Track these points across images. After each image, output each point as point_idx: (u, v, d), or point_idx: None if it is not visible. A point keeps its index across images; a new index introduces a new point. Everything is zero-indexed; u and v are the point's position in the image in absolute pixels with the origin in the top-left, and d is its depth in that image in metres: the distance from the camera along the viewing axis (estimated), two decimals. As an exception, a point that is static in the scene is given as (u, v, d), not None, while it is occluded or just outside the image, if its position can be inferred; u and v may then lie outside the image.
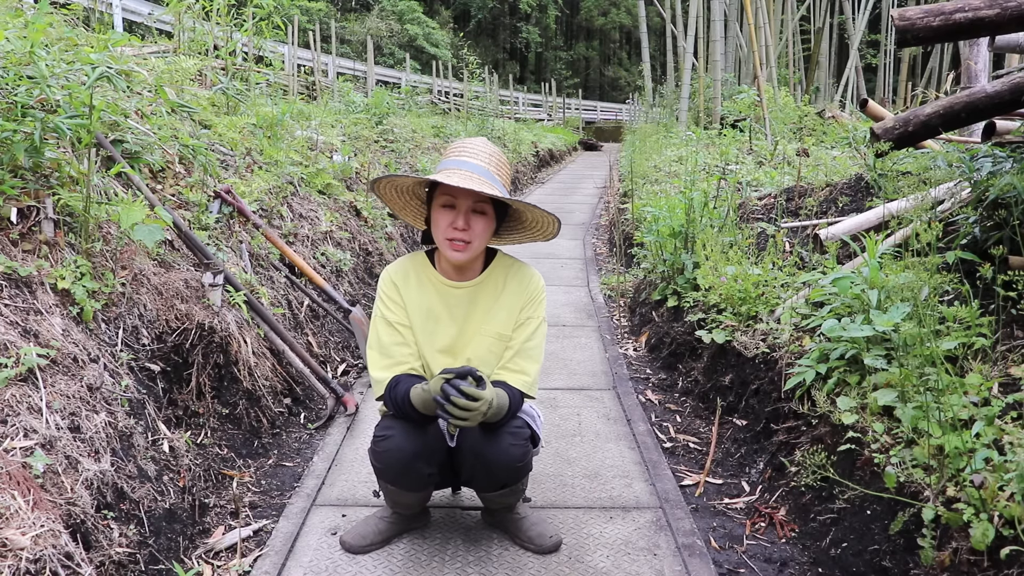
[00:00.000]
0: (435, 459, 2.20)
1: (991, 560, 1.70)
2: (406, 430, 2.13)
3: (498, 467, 2.14)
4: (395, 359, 2.19)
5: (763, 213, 5.25)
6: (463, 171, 2.06)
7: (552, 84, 32.95)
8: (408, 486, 2.22)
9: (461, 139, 2.22)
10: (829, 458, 2.32)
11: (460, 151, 2.14)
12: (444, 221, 2.11)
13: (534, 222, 2.26)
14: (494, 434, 2.12)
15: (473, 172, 2.06)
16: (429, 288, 2.24)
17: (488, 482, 2.21)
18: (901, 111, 6.39)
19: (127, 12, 10.39)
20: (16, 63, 2.79)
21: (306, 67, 13.17)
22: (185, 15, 6.04)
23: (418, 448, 2.13)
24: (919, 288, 2.42)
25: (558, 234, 2.25)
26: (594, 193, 12.93)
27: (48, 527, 1.75)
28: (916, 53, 23.98)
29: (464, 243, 2.11)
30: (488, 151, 2.15)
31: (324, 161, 5.62)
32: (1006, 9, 2.74)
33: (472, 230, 2.10)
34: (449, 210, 2.11)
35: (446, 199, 2.10)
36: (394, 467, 2.15)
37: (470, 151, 2.13)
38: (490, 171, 2.10)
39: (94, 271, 2.62)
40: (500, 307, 2.23)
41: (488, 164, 2.11)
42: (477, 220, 2.11)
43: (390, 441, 2.13)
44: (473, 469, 2.18)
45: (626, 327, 4.98)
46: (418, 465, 2.15)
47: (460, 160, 2.10)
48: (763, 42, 13.93)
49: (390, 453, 2.13)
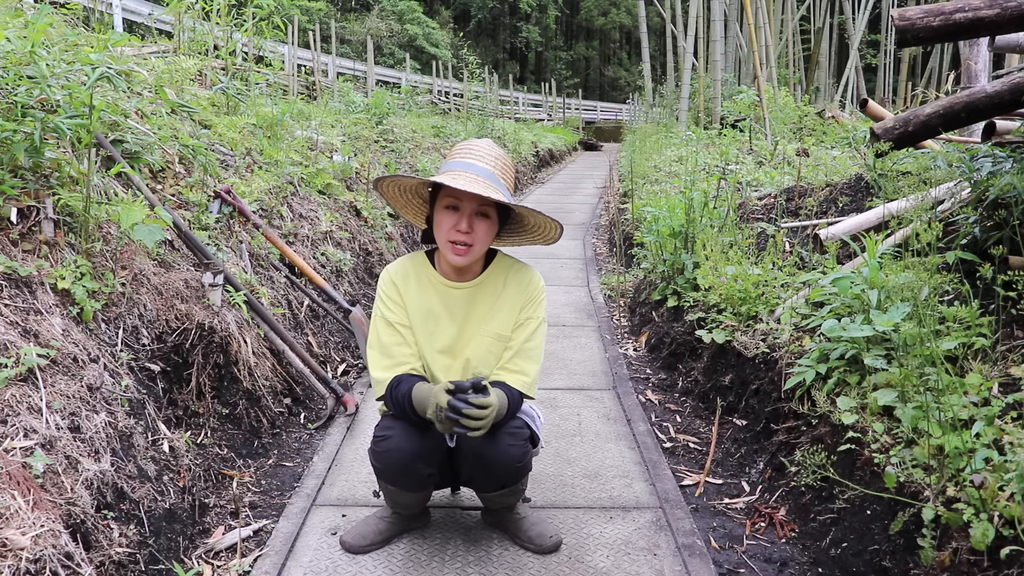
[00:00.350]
0: (435, 459, 2.20)
1: (991, 560, 1.70)
2: (406, 430, 2.13)
3: (498, 467, 2.14)
4: (396, 359, 2.19)
5: (763, 213, 5.25)
6: (468, 174, 2.06)
7: (552, 84, 32.95)
8: (408, 486, 2.22)
9: (467, 140, 2.21)
10: (829, 458, 2.32)
11: (466, 153, 2.13)
12: (447, 223, 2.10)
13: (536, 226, 2.26)
14: (493, 435, 2.11)
15: (479, 175, 2.06)
16: (429, 288, 2.24)
17: (488, 482, 2.21)
18: (901, 111, 6.39)
19: (127, 12, 10.39)
20: (16, 63, 2.79)
21: (306, 67, 13.17)
22: (185, 15, 6.04)
23: (418, 448, 2.13)
24: (919, 288, 2.42)
25: (559, 239, 2.25)
26: (594, 193, 12.93)
27: (48, 527, 1.75)
28: (916, 53, 23.99)
29: (466, 246, 2.11)
30: (494, 154, 2.15)
31: (324, 161, 5.62)
32: (1006, 9, 2.74)
33: (475, 233, 2.10)
34: (453, 212, 2.10)
35: (450, 200, 2.10)
36: (394, 467, 2.15)
37: (476, 153, 2.12)
38: (495, 174, 2.10)
39: (94, 271, 2.62)
40: (499, 308, 2.23)
41: (494, 167, 2.11)
42: (480, 223, 2.11)
43: (390, 441, 2.13)
44: (473, 469, 2.18)
45: (626, 327, 4.98)
46: (418, 465, 2.15)
47: (466, 162, 2.10)
48: (763, 42, 13.93)
49: (390, 453, 2.13)
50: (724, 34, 15.61)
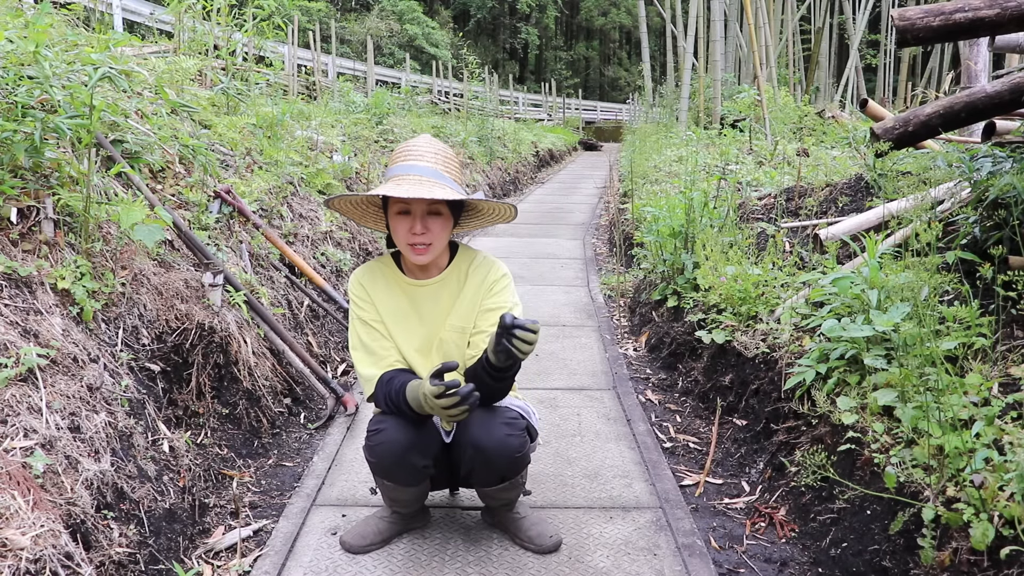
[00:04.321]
0: (429, 452, 2.20)
1: (991, 560, 1.70)
2: (399, 423, 2.15)
3: (497, 458, 2.14)
4: (380, 355, 2.23)
5: (763, 213, 5.25)
6: (412, 176, 2.09)
7: (552, 84, 32.95)
8: (403, 480, 2.22)
9: (406, 141, 2.24)
10: (829, 458, 2.32)
11: (406, 155, 2.16)
12: (402, 228, 2.15)
13: (491, 210, 2.31)
14: (490, 425, 2.13)
15: (422, 175, 2.09)
16: (396, 289, 2.29)
17: (487, 475, 2.21)
18: (901, 111, 6.40)
19: (127, 12, 10.39)
20: (16, 63, 2.79)
21: (306, 67, 13.18)
22: (185, 15, 6.04)
23: (411, 439, 2.14)
24: (919, 288, 2.42)
25: (516, 217, 2.31)
26: (594, 193, 12.93)
27: (48, 527, 1.75)
28: (916, 53, 23.99)
29: (425, 245, 2.15)
30: (433, 149, 2.17)
31: (324, 161, 5.63)
32: (1006, 9, 2.74)
33: (431, 232, 2.14)
34: (405, 216, 2.14)
35: (400, 206, 2.14)
36: (387, 460, 2.16)
37: (416, 152, 2.15)
38: (438, 170, 2.13)
39: (94, 271, 2.62)
40: (462, 301, 2.27)
41: (435, 163, 2.14)
42: (434, 221, 2.14)
43: (383, 434, 2.15)
44: (472, 462, 2.17)
45: (626, 327, 4.98)
46: (412, 457, 2.15)
47: (407, 164, 2.13)
48: (763, 42, 13.93)
49: (383, 446, 2.14)
50: (724, 34, 15.61)
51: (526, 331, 1.94)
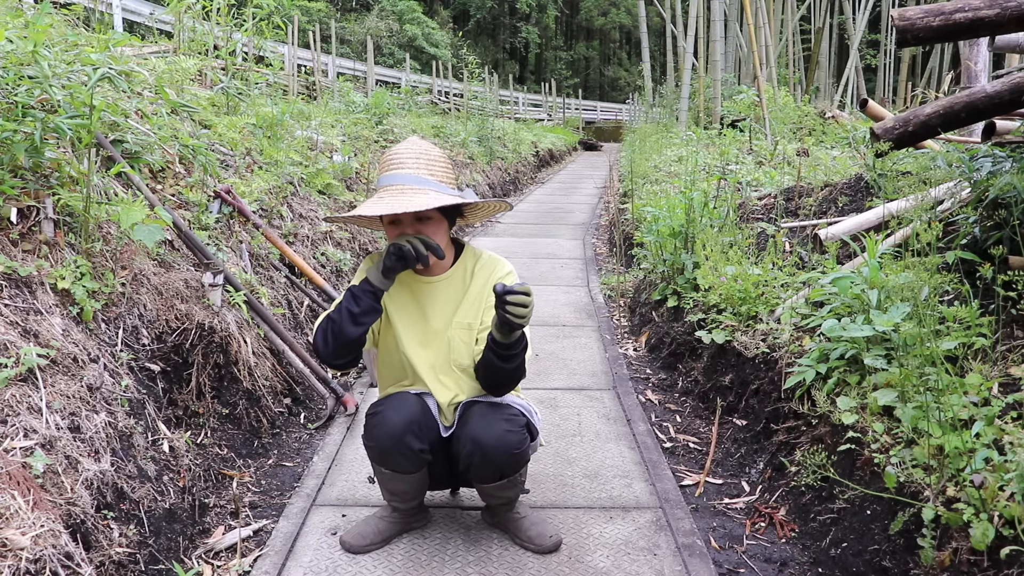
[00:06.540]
0: (426, 436, 2.19)
1: (991, 560, 1.70)
2: (395, 405, 2.17)
3: (495, 453, 2.14)
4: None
5: (763, 213, 5.25)
6: (394, 186, 2.10)
7: (552, 84, 32.94)
8: (401, 466, 2.20)
9: (391, 148, 2.24)
10: (829, 458, 2.32)
11: (388, 164, 2.17)
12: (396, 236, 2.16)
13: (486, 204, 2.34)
14: (490, 421, 2.15)
15: (404, 184, 2.10)
16: (403, 285, 2.30)
17: (486, 471, 2.20)
18: (901, 111, 6.39)
19: (127, 12, 10.38)
20: (16, 63, 2.79)
21: (306, 67, 13.17)
22: (185, 15, 6.04)
23: (408, 420, 2.14)
24: (919, 288, 2.42)
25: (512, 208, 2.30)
26: (594, 193, 12.93)
27: (48, 527, 1.75)
28: (916, 53, 23.99)
29: None
30: (415, 153, 2.16)
31: (324, 161, 5.63)
32: (1006, 9, 2.74)
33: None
34: (396, 225, 2.16)
35: (390, 216, 2.15)
36: (385, 442, 2.16)
37: (397, 161, 2.15)
38: (421, 175, 2.12)
39: (94, 271, 2.62)
40: (468, 299, 2.28)
41: (418, 169, 2.13)
42: (425, 226, 2.15)
43: (380, 416, 2.17)
44: (471, 457, 2.17)
45: (626, 327, 4.98)
46: (408, 439, 2.15)
47: (390, 175, 2.14)
48: (763, 42, 13.93)
49: (380, 427, 2.16)
50: (724, 34, 15.61)
51: (517, 294, 1.96)
